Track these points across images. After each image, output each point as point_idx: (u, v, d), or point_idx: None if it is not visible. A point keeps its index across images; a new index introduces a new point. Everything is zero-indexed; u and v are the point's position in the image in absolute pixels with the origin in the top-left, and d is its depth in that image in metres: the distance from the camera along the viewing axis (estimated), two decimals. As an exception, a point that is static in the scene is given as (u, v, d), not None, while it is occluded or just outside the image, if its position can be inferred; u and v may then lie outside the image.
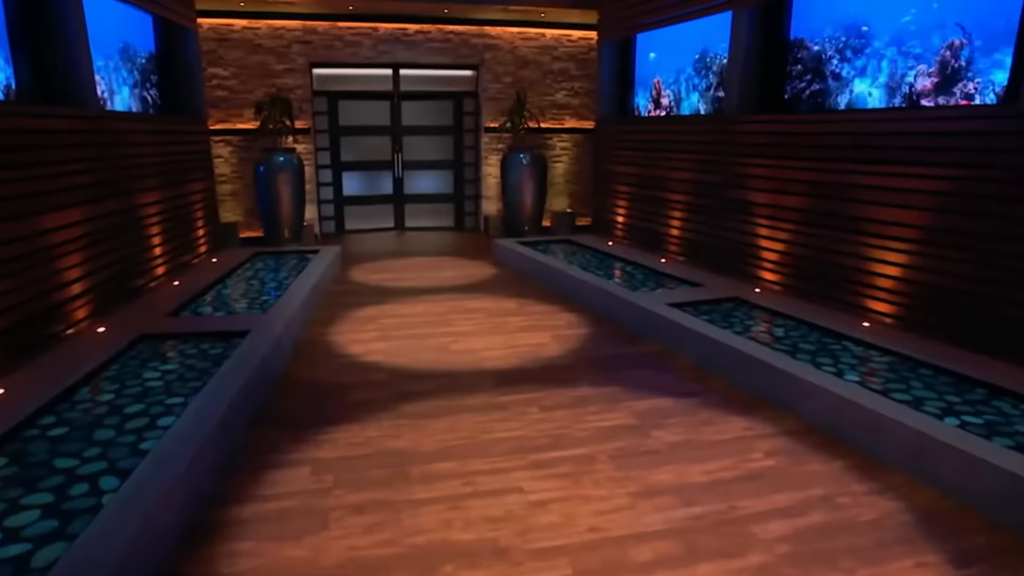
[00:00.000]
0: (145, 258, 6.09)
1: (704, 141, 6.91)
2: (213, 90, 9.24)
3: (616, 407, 4.07)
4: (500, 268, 8.04)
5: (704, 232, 7.02)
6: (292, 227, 9.01)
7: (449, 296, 6.69)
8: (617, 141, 8.64)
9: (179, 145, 7.11)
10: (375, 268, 8.05)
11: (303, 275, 6.63)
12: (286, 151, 8.86)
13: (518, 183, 9.51)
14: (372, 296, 6.68)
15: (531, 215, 9.70)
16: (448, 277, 7.54)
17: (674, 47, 7.55)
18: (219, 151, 9.42)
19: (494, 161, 10.40)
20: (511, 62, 10.14)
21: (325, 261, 7.39)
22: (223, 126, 9.36)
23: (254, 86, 9.28)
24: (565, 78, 10.38)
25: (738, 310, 5.54)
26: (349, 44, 9.57)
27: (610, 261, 7.59)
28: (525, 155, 9.47)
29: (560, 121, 10.52)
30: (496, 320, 5.87)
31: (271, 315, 5.16)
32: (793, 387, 3.95)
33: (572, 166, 10.73)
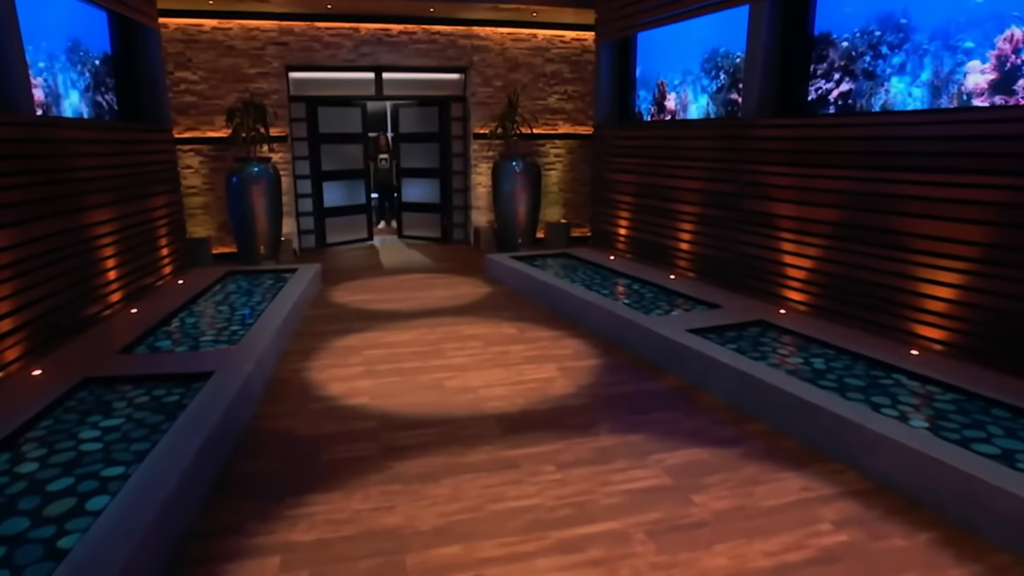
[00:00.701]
0: (96, 284, 5.37)
1: (716, 147, 6.33)
2: (181, 95, 8.53)
3: (645, 461, 3.44)
4: (494, 286, 7.40)
5: (717, 246, 6.43)
6: (268, 243, 8.31)
7: (441, 320, 6.04)
8: (617, 147, 8.05)
9: (139, 155, 6.40)
10: (358, 287, 7.37)
11: (279, 298, 5.95)
12: (261, 160, 8.17)
13: (510, 193, 8.89)
14: (355, 321, 6.01)
15: (525, 227, 9.07)
16: (438, 297, 6.88)
17: (679, 46, 6.97)
18: (188, 161, 8.70)
19: (484, 169, 9.78)
20: (501, 64, 9.53)
21: (303, 281, 6.71)
22: (193, 134, 8.64)
23: (226, 91, 8.57)
24: (558, 81, 9.79)
25: (766, 335, 4.95)
26: (328, 46, 8.90)
27: (614, 278, 6.98)
28: (517, 163, 8.85)
29: (553, 127, 9.92)
30: (495, 349, 5.22)
31: (240, 349, 4.48)
32: (852, 436, 3.35)
33: (567, 174, 10.13)
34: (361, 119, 9.81)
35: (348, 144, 9.74)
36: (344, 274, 8.10)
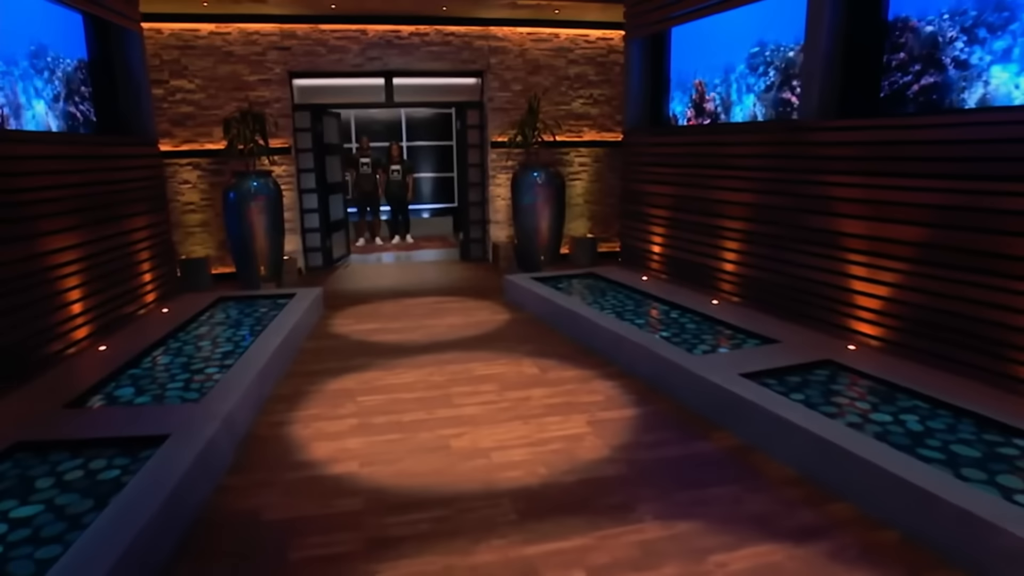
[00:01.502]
0: (58, 318, 4.70)
1: (767, 154, 5.50)
2: (177, 105, 7.92)
3: (703, 566, 2.63)
4: (513, 312, 6.62)
5: (769, 268, 5.58)
6: (269, 263, 7.64)
7: (452, 355, 5.27)
8: (649, 155, 7.24)
9: (118, 171, 5.75)
10: (362, 314, 6.64)
11: (269, 330, 5.24)
12: (260, 174, 7.50)
13: (531, 206, 8.11)
14: (354, 357, 5.27)
15: (547, 243, 8.29)
16: (450, 326, 6.12)
17: (721, 41, 6.16)
18: (186, 176, 8.09)
19: (503, 180, 9.02)
20: (520, 67, 8.78)
21: (301, 308, 6.00)
22: (190, 147, 8.03)
23: (225, 100, 7.94)
24: (583, 84, 9.01)
25: (838, 381, 4.10)
26: (334, 50, 8.23)
27: (649, 303, 6.16)
28: (539, 173, 8.08)
29: (578, 133, 9.14)
30: (513, 395, 4.44)
31: (208, 403, 3.76)
32: (981, 538, 2.50)
33: (593, 184, 9.33)
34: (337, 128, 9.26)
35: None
36: (349, 297, 7.39)
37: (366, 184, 10.33)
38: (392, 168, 10.46)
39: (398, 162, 10.50)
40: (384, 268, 9.18)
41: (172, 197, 8.10)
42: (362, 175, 10.27)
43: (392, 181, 10.49)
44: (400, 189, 10.54)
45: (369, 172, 10.27)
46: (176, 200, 8.12)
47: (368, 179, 10.31)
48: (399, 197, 10.63)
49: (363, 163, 10.27)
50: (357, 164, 10.25)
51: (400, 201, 10.72)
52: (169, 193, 8.06)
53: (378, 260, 9.72)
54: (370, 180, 10.32)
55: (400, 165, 10.48)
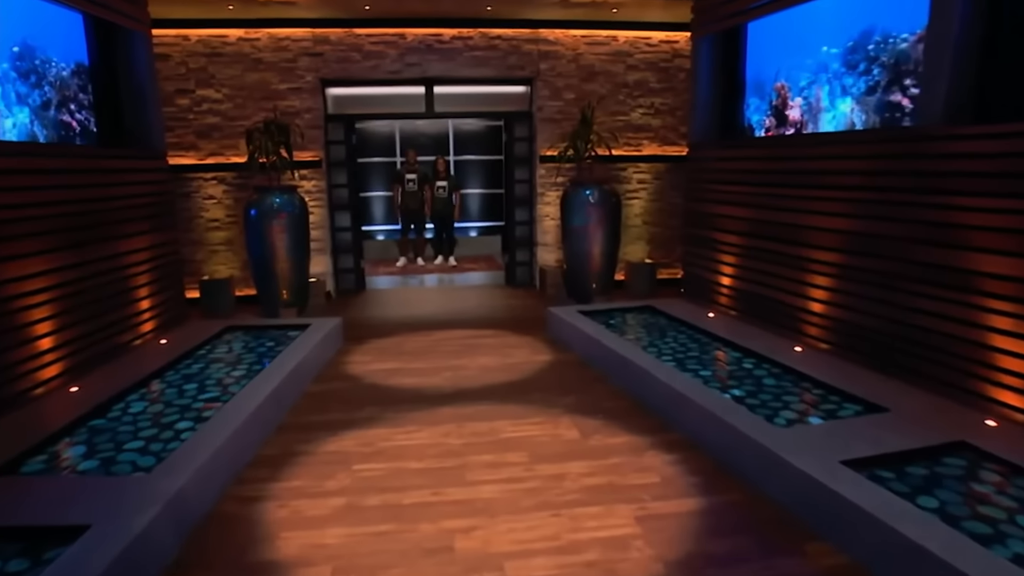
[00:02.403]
0: (20, 356, 4.09)
1: (870, 170, 4.46)
2: (203, 116, 7.41)
3: None
4: (556, 351, 5.73)
5: (870, 312, 4.52)
6: (292, 287, 6.98)
7: (476, 409, 4.42)
8: (719, 171, 6.25)
9: (116, 187, 5.18)
10: (385, 349, 5.87)
11: (269, 371, 4.54)
12: (284, 190, 6.88)
13: (583, 227, 7.22)
14: (362, 406, 4.48)
15: (600, 269, 7.37)
16: (481, 369, 5.28)
17: (809, 35, 5.16)
18: (211, 191, 7.56)
19: (552, 198, 8.17)
20: (574, 73, 7.94)
21: (312, 341, 5.29)
22: (215, 160, 7.51)
23: (252, 110, 7.39)
24: (643, 92, 8.09)
25: (981, 476, 3.04)
26: (369, 55, 7.58)
27: (717, 347, 5.16)
28: (592, 191, 7.19)
29: (637, 147, 8.21)
30: (544, 470, 3.54)
31: (157, 476, 3.02)
32: None
33: (652, 203, 8.38)
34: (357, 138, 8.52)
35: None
36: (375, 327, 6.64)
37: (412, 201, 9.50)
38: (438, 185, 9.60)
39: (444, 178, 9.64)
40: (420, 293, 8.43)
41: (196, 213, 7.59)
42: (408, 192, 9.46)
43: (437, 198, 9.63)
44: (445, 207, 9.72)
45: (416, 189, 9.45)
46: (200, 217, 7.61)
47: (414, 196, 9.48)
48: (444, 215, 9.82)
49: (409, 179, 9.46)
50: (403, 180, 9.47)
51: (445, 220, 9.89)
52: (193, 209, 7.57)
53: (419, 283, 8.98)
54: (416, 197, 9.49)
55: (446, 181, 9.64)
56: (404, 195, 9.46)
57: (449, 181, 9.66)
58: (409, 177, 9.45)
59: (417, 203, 9.52)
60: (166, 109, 7.31)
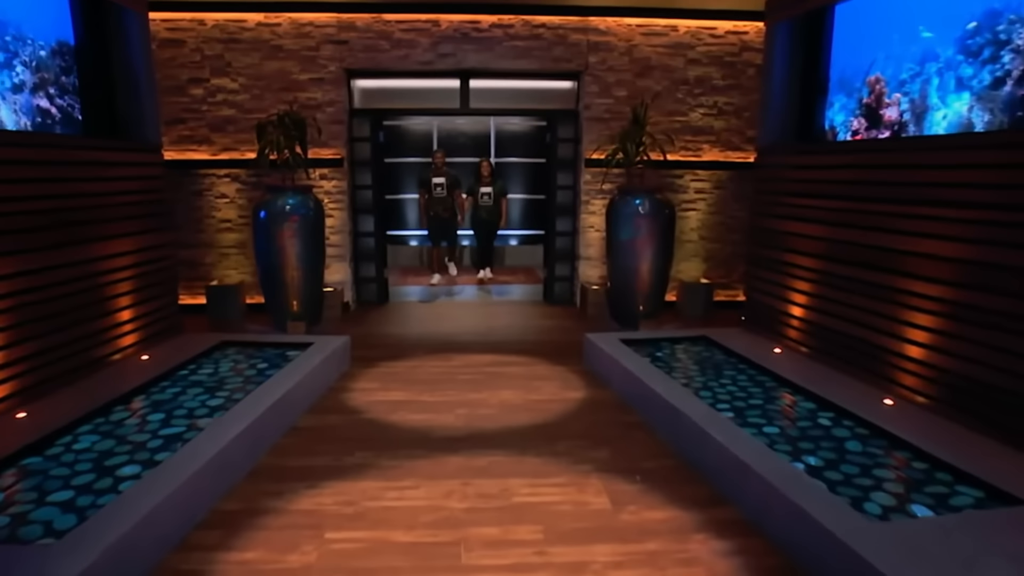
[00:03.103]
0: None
1: (995, 183, 3.62)
2: (218, 108, 6.97)
3: None
4: (591, 388, 5.01)
5: (992, 362, 3.66)
6: (304, 298, 6.45)
7: (488, 459, 3.75)
8: (793, 181, 5.43)
9: (97, 182, 4.71)
10: (395, 375, 5.25)
11: (253, 398, 3.97)
12: (297, 190, 6.36)
13: (631, 242, 6.48)
14: (354, 449, 3.86)
15: (649, 288, 6.61)
16: (502, 405, 4.60)
17: (913, 16, 4.32)
18: (223, 189, 7.12)
19: (598, 207, 7.46)
20: (626, 67, 7.21)
21: (311, 364, 4.72)
22: (229, 155, 7.05)
23: (270, 102, 6.91)
24: (705, 90, 7.30)
25: None
26: (399, 44, 7.02)
27: (785, 394, 4.36)
28: (642, 200, 6.44)
29: (696, 152, 7.42)
30: (561, 555, 2.84)
31: (64, 548, 2.44)
32: None
33: (711, 216, 7.57)
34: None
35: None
36: (390, 346, 6.04)
37: (440, 208, 8.36)
38: (482, 191, 8.41)
39: (489, 183, 8.45)
40: (447, 308, 7.81)
41: (208, 213, 7.16)
42: (436, 198, 8.31)
43: (482, 206, 8.44)
44: (491, 215, 8.52)
45: (444, 194, 8.31)
46: (211, 217, 7.17)
47: (443, 202, 8.34)
48: (489, 226, 8.63)
49: (436, 184, 8.26)
50: (430, 185, 8.31)
51: (489, 231, 8.72)
52: (205, 209, 7.14)
53: (448, 296, 8.36)
54: (444, 203, 8.35)
55: (491, 187, 8.44)
56: (431, 201, 8.38)
57: (495, 187, 8.51)
58: (436, 181, 8.29)
59: (446, 210, 8.43)
60: (178, 99, 6.91)
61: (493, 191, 8.39)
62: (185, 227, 7.13)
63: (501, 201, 8.44)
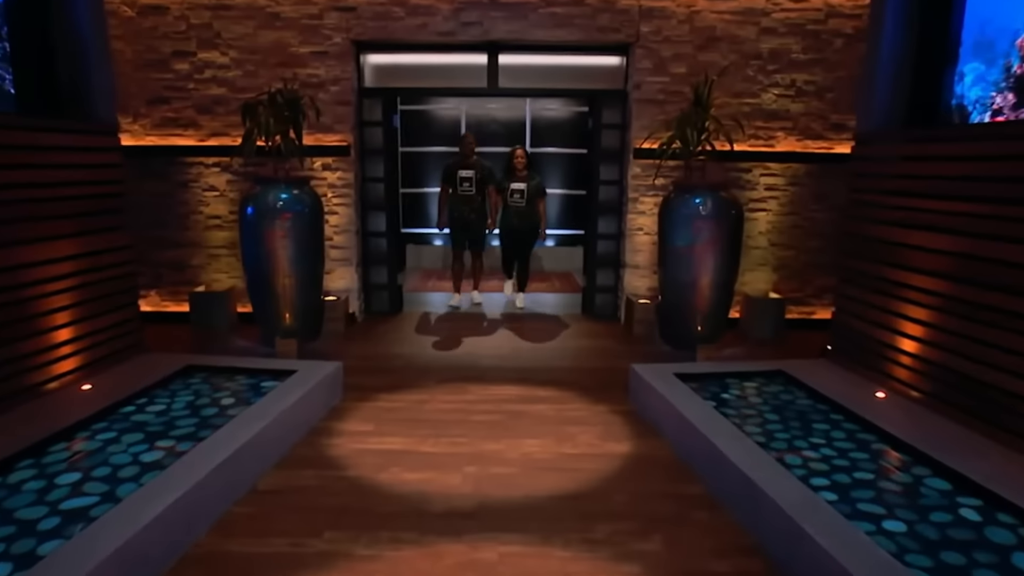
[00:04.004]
0: None
1: None
2: (205, 86, 6.23)
3: None
4: (640, 436, 4.08)
5: None
6: (297, 308, 5.66)
7: (498, 548, 2.88)
8: (905, 177, 4.39)
9: (32, 170, 3.95)
10: (396, 411, 4.40)
11: (203, 449, 3.18)
12: (291, 183, 5.56)
13: (689, 248, 5.52)
14: (318, 532, 3.01)
15: (709, 305, 5.64)
16: (524, 462, 3.71)
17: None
18: (212, 180, 6.38)
19: (649, 206, 6.50)
20: (686, 38, 6.23)
21: (290, 398, 3.92)
22: (218, 141, 6.30)
23: (266, 79, 6.12)
24: (781, 66, 6.28)
25: None
26: (415, 11, 6.17)
27: (901, 461, 3.37)
28: (703, 199, 5.48)
29: (767, 141, 6.41)
30: None
31: None
32: None
33: (784, 217, 6.55)
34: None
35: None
36: (392, 373, 5.20)
37: (466, 209, 7.02)
38: (513, 188, 6.96)
39: (524, 177, 7.00)
40: (469, 321, 6.93)
41: (195, 208, 6.43)
42: (461, 195, 6.98)
43: (513, 207, 7.03)
44: (525, 220, 7.06)
45: (472, 192, 6.95)
46: (199, 212, 6.44)
47: (469, 202, 7.00)
48: (524, 232, 7.16)
49: (464, 177, 6.94)
50: (455, 179, 6.97)
51: (522, 241, 7.24)
52: (191, 203, 6.42)
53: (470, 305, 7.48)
54: (472, 203, 7.02)
55: (526, 184, 6.97)
56: (455, 200, 7.04)
57: (530, 183, 7.00)
58: (464, 175, 6.94)
59: (474, 211, 7.06)
60: (161, 76, 6.18)
61: (527, 189, 6.95)
62: (169, 224, 6.42)
63: (538, 203, 7.03)
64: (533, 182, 6.99)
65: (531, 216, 7.03)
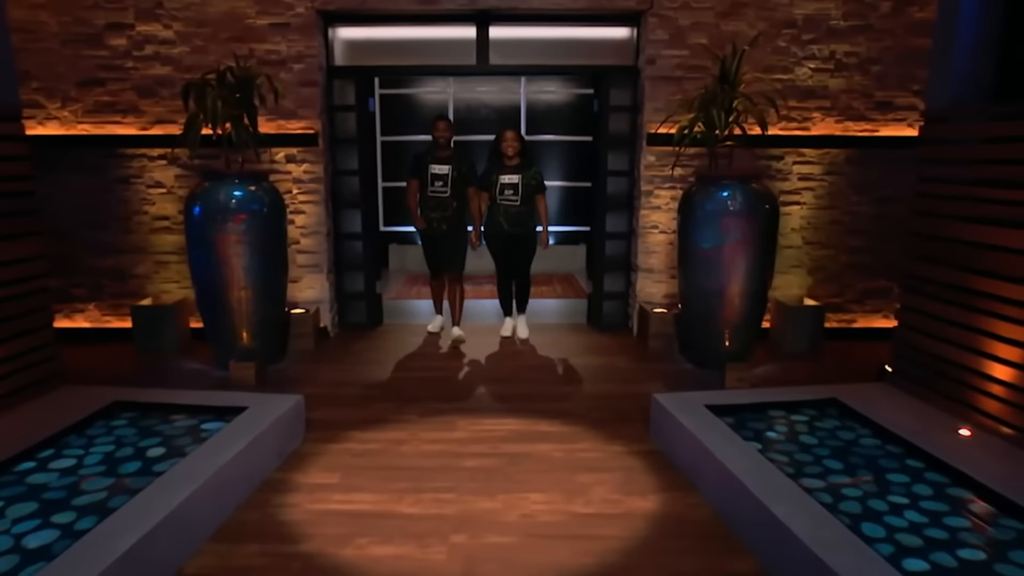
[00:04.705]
0: None
1: None
2: (148, 64, 5.55)
3: None
4: (668, 487, 3.42)
5: None
6: (257, 327, 5.01)
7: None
8: (992, 164, 3.74)
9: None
10: (367, 456, 3.74)
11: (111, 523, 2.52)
12: (247, 178, 4.91)
13: (716, 249, 4.89)
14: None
15: (740, 316, 5.02)
16: (525, 528, 3.05)
17: None
18: (158, 175, 5.71)
19: (664, 200, 5.85)
20: (706, 4, 5.57)
21: (235, 446, 3.29)
22: (163, 130, 5.62)
23: (218, 55, 5.44)
24: (819, 34, 5.63)
25: None
26: (391, -25, 5.50)
27: (1008, 527, 2.72)
28: (734, 191, 4.85)
29: (801, 123, 5.76)
30: None
31: None
32: None
33: (821, 211, 5.91)
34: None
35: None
36: (366, 403, 4.53)
37: (434, 216, 5.64)
38: (503, 182, 5.53)
39: (515, 168, 5.57)
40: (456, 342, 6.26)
41: (138, 208, 5.76)
42: (433, 197, 5.59)
43: (502, 207, 5.58)
44: (518, 223, 5.63)
45: (446, 194, 5.57)
46: (143, 213, 5.77)
47: (440, 206, 5.61)
48: (517, 243, 5.72)
49: (436, 174, 5.56)
50: (426, 175, 5.59)
51: (520, 252, 5.79)
52: (134, 202, 5.75)
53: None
54: (444, 208, 5.61)
55: (519, 175, 5.55)
56: (424, 203, 5.66)
57: (526, 175, 5.58)
58: (436, 171, 5.55)
59: (446, 221, 5.65)
60: (94, 53, 5.51)
61: (522, 182, 5.54)
62: (108, 227, 5.74)
63: (537, 200, 5.69)
64: (529, 172, 5.60)
65: (527, 218, 5.68)
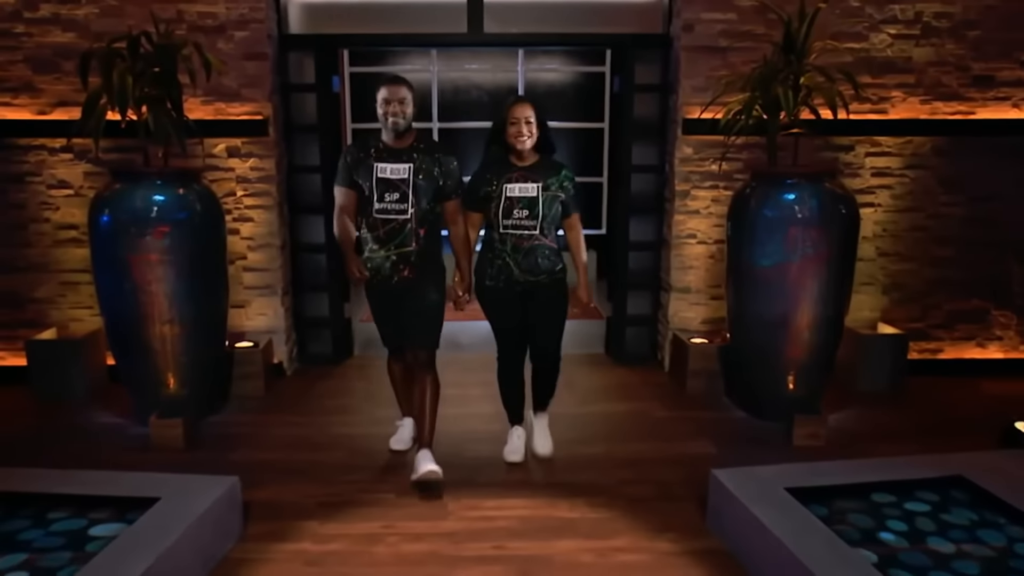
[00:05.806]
0: None
1: None
2: (45, 31, 4.77)
3: None
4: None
5: None
6: (186, 370, 4.22)
7: None
8: None
9: None
10: (325, 567, 2.92)
11: None
12: (171, 178, 4.11)
13: (780, 268, 4.15)
14: None
15: (810, 352, 4.27)
16: None
17: None
18: (62, 172, 4.94)
19: (705, 203, 5.09)
20: (761, -44, 4.81)
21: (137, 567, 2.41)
22: (67, 114, 4.81)
23: (137, 19, 4.62)
24: (900, -5, 4.88)
25: None
26: (359, -83, 4.69)
27: None
28: (802, 194, 4.11)
29: (878, 104, 5.00)
30: None
31: None
32: None
33: (898, 216, 5.17)
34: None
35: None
36: (330, 477, 3.72)
37: (382, 254, 3.53)
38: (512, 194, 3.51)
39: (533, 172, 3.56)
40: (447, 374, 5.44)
41: (37, 214, 4.96)
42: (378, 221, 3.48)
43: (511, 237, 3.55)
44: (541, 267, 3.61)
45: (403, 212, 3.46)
46: (43, 220, 4.97)
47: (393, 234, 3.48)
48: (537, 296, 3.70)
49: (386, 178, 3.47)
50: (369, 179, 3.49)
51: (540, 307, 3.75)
52: (32, 206, 4.94)
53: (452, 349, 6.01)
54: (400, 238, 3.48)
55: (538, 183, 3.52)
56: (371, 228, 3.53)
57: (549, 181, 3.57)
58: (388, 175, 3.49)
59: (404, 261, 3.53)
60: (-24, 17, 4.67)
61: (543, 194, 3.53)
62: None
63: (567, 227, 3.82)
64: (556, 177, 3.60)
65: (552, 257, 3.66)
